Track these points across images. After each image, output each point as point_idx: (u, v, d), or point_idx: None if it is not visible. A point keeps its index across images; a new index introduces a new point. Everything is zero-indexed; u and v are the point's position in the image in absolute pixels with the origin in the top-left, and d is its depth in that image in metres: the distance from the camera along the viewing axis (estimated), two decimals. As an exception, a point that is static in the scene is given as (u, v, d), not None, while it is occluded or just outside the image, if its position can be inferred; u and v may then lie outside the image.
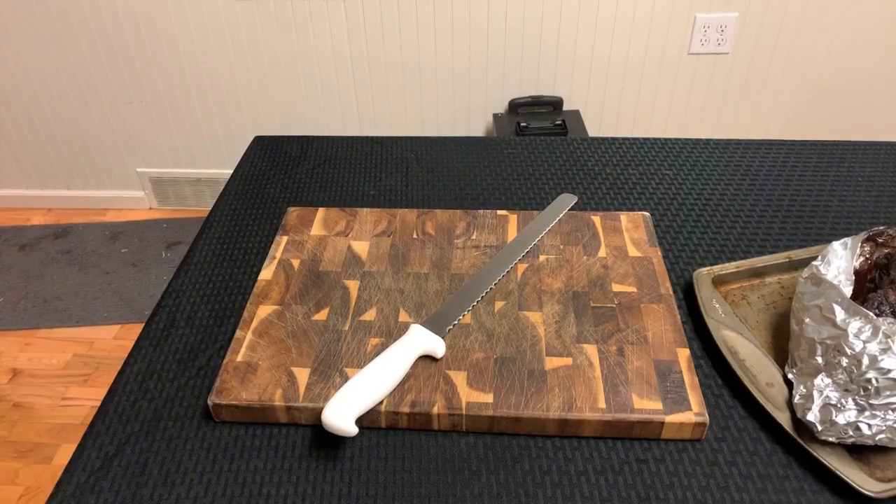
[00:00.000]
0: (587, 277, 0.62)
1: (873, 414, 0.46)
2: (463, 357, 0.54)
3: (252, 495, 0.48)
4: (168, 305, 0.63)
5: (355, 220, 0.70)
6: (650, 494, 0.47)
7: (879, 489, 0.45)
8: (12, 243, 2.07)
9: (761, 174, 0.79)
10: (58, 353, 1.72)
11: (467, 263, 0.64)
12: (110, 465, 0.50)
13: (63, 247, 2.06)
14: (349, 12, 1.75)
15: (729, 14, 1.74)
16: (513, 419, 0.50)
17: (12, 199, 2.21)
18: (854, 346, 0.47)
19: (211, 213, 0.75)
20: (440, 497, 0.47)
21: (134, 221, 2.16)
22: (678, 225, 0.71)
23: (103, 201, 2.21)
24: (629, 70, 1.84)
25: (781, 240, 0.69)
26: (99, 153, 2.11)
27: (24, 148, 2.10)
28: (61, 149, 2.10)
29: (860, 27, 1.76)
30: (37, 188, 2.19)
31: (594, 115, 1.92)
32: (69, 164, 2.13)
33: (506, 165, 0.82)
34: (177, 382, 0.56)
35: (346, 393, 0.50)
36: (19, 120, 2.04)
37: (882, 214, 0.73)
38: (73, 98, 1.98)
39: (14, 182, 2.18)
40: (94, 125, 2.04)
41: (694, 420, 0.49)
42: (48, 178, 2.17)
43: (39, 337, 1.77)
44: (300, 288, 0.61)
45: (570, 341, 0.56)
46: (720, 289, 0.62)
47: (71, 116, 2.02)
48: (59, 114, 2.02)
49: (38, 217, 2.19)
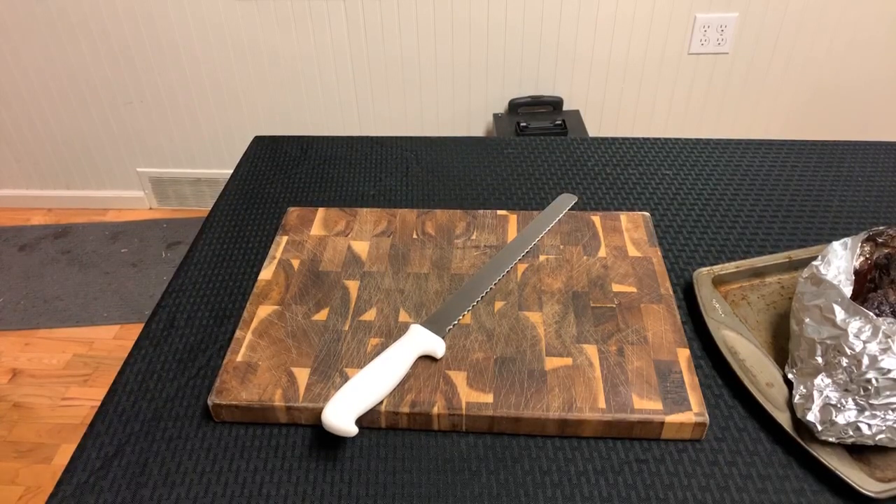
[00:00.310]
0: (587, 277, 0.62)
1: (873, 414, 0.46)
2: (463, 357, 0.54)
3: (252, 495, 0.48)
4: (168, 305, 0.63)
5: (355, 220, 0.70)
6: (650, 494, 0.47)
7: (879, 489, 0.45)
8: (12, 243, 2.07)
9: (761, 174, 0.79)
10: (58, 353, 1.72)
11: (467, 263, 0.64)
12: (110, 465, 0.50)
13: (63, 247, 2.06)
14: (349, 12, 1.75)
15: (729, 14, 1.74)
16: (513, 419, 0.50)
17: (12, 199, 2.21)
18: (854, 346, 0.47)
19: (211, 213, 0.75)
20: (440, 497, 0.47)
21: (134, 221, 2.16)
22: (678, 225, 0.71)
23: (103, 201, 2.21)
24: (629, 70, 1.84)
25: (781, 240, 0.69)
26: (99, 153, 2.11)
27: (24, 148, 2.10)
28: (61, 149, 2.10)
29: (860, 27, 1.76)
30: (37, 188, 2.19)
31: (594, 115, 1.92)
32: (69, 164, 2.13)
33: (506, 165, 0.82)
34: (177, 382, 0.56)
35: (346, 393, 0.50)
36: (19, 120, 2.04)
37: (882, 214, 0.73)
38: (73, 98, 1.98)
39: (14, 182, 2.18)
40: (94, 125, 2.04)
41: (694, 420, 0.49)
42: (48, 178, 2.17)
43: (39, 337, 1.77)
44: (300, 288, 0.61)
45: (570, 341, 0.56)
46: (720, 289, 0.62)
47: (71, 116, 2.02)
48: (59, 114, 2.02)
49: (38, 217, 2.19)
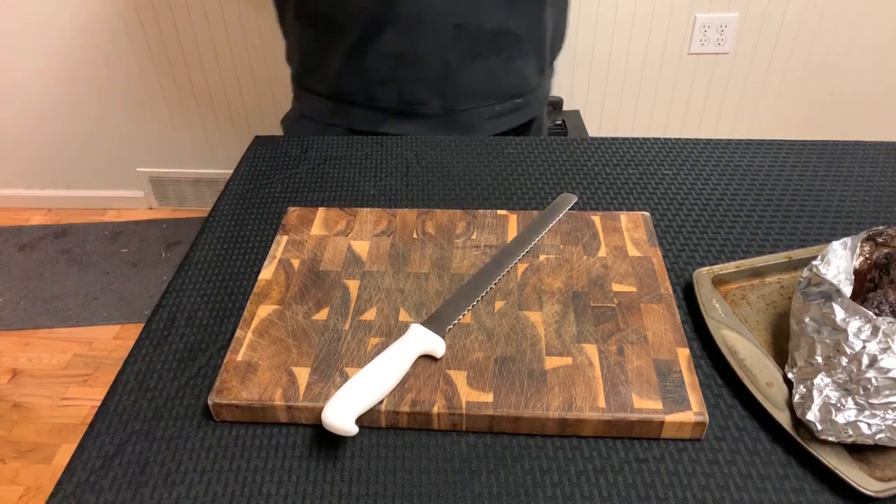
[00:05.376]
0: (587, 277, 0.62)
1: (873, 413, 0.46)
2: (463, 357, 0.55)
3: (252, 495, 0.48)
4: (168, 305, 0.63)
5: (355, 219, 0.70)
6: (650, 494, 0.47)
7: (879, 489, 0.45)
8: (12, 243, 2.07)
9: (761, 174, 0.79)
10: (58, 353, 1.72)
11: (467, 263, 0.64)
12: (110, 464, 0.50)
13: (63, 247, 2.06)
14: (349, 12, 1.75)
15: (729, 14, 1.74)
16: (513, 419, 0.50)
17: (12, 199, 2.21)
18: (854, 346, 0.47)
19: (211, 213, 0.75)
20: (440, 496, 0.47)
21: (134, 221, 2.17)
22: (678, 225, 0.72)
23: (103, 201, 2.21)
24: (629, 70, 1.84)
25: (781, 240, 0.69)
26: (99, 153, 2.11)
27: (24, 148, 2.10)
28: (61, 149, 2.10)
29: (860, 27, 1.77)
30: (37, 188, 2.19)
31: (594, 115, 1.92)
32: (69, 164, 2.13)
33: (506, 165, 0.82)
34: (177, 382, 0.56)
35: (346, 392, 0.50)
36: (19, 120, 2.03)
37: (882, 214, 0.73)
38: (73, 98, 1.98)
39: (14, 182, 2.18)
40: (94, 125, 2.04)
41: (694, 420, 0.49)
42: (48, 178, 2.17)
43: (39, 337, 1.77)
44: (300, 287, 0.61)
45: (570, 341, 0.56)
46: (720, 288, 0.62)
47: (71, 116, 2.02)
48: (59, 114, 2.02)
49: (38, 217, 2.19)
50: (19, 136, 2.07)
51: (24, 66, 1.92)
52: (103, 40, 1.86)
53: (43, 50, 1.88)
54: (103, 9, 1.80)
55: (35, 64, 1.91)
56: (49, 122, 2.03)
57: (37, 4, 1.80)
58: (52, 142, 2.08)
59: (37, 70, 1.93)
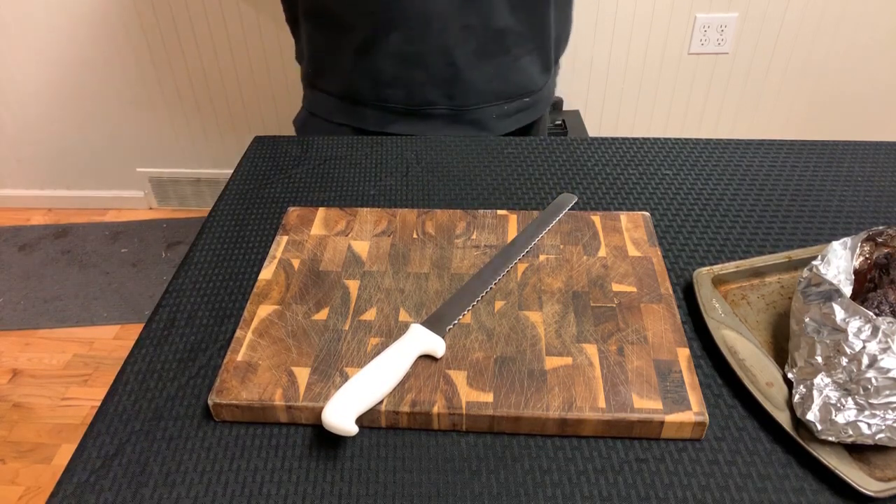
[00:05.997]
0: (587, 277, 0.62)
1: (873, 413, 0.46)
2: (463, 357, 0.55)
3: (252, 494, 0.48)
4: (168, 305, 0.63)
5: (355, 219, 0.70)
6: (650, 494, 0.47)
7: (879, 489, 0.45)
8: (12, 243, 2.07)
9: (761, 174, 0.79)
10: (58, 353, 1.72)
11: (467, 263, 0.64)
12: (110, 464, 0.50)
13: (63, 247, 2.06)
14: (349, 12, 1.75)
15: (729, 14, 1.74)
16: (513, 419, 0.50)
17: (12, 199, 2.21)
18: (854, 346, 0.47)
19: (211, 213, 0.75)
20: (440, 496, 0.47)
21: (134, 221, 2.17)
22: (678, 225, 0.72)
23: (103, 201, 2.21)
24: (629, 70, 1.84)
25: (781, 240, 0.69)
26: (99, 153, 2.11)
27: (24, 148, 2.10)
28: (61, 149, 2.10)
29: (861, 27, 1.77)
30: (37, 188, 2.20)
31: (594, 115, 1.92)
32: (69, 164, 2.13)
33: (506, 165, 0.82)
34: (177, 382, 0.56)
35: (347, 392, 0.50)
36: (19, 120, 2.04)
37: (882, 214, 0.73)
38: (73, 98, 1.98)
39: (14, 182, 2.18)
40: (94, 125, 2.04)
41: (694, 420, 0.49)
42: (48, 178, 2.17)
43: (39, 337, 1.77)
44: (300, 288, 0.61)
45: (570, 341, 0.56)
46: (720, 288, 0.62)
47: (71, 116, 2.02)
48: (59, 114, 2.02)
49: (38, 217, 2.19)
50: (19, 136, 2.07)
51: (24, 66, 1.92)
52: (103, 40, 1.86)
53: (43, 50, 1.89)
54: (103, 9, 1.80)
55: (35, 64, 1.92)
56: (49, 122, 2.04)
57: (37, 5, 1.80)
58: (51, 142, 2.08)
59: (37, 70, 1.93)
